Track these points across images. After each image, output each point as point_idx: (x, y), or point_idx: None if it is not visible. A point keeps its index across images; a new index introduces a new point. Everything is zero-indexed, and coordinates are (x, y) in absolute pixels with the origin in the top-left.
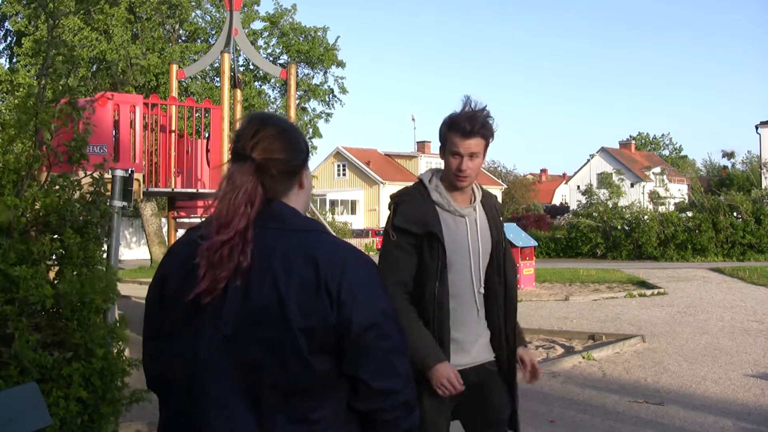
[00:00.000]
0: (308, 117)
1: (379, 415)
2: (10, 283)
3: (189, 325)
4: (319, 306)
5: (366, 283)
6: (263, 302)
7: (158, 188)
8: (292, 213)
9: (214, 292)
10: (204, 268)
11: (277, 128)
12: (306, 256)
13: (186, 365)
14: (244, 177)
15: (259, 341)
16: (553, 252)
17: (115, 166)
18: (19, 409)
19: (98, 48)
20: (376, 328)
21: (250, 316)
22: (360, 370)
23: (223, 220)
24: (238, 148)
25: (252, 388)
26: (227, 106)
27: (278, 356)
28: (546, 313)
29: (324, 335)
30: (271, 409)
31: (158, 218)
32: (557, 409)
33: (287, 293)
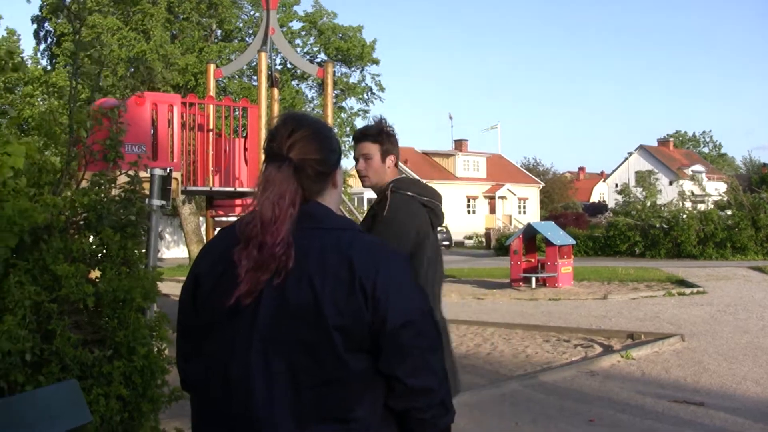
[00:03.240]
0: (345, 115)
1: (415, 414)
2: (53, 281)
3: (224, 325)
4: (354, 304)
5: (401, 281)
6: (299, 302)
7: (196, 187)
8: (325, 212)
9: (254, 293)
10: (245, 270)
11: (312, 129)
12: (341, 255)
13: (221, 365)
14: (285, 178)
15: (296, 341)
16: (591, 250)
17: (153, 165)
18: (59, 406)
19: (137, 48)
20: (412, 325)
21: (286, 316)
22: (396, 369)
23: (268, 223)
24: (274, 147)
25: (289, 388)
26: (264, 105)
27: (314, 355)
28: (584, 312)
29: (360, 334)
30: (309, 408)
31: (196, 217)
32: (596, 408)
33: (323, 292)
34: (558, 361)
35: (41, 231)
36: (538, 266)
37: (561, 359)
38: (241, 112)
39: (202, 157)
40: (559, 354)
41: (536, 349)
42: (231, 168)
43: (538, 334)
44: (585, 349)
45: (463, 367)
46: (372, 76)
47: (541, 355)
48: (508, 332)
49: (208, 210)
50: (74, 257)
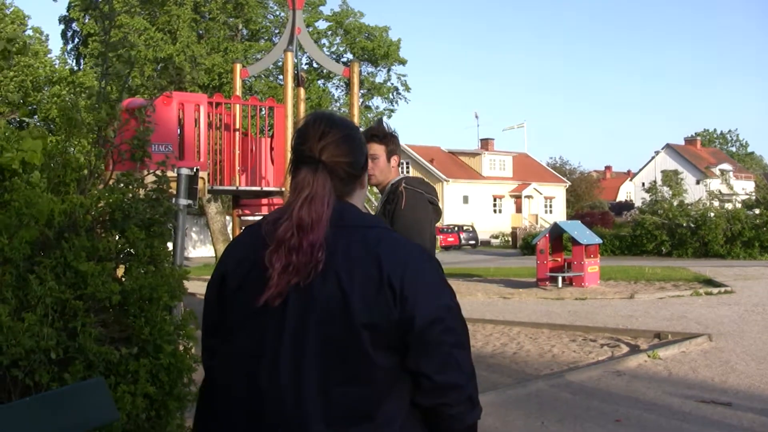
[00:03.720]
0: (372, 114)
1: (443, 410)
2: (79, 279)
3: (251, 322)
4: (381, 301)
5: (428, 278)
6: (327, 299)
7: (223, 186)
8: (352, 210)
9: (284, 294)
10: (278, 272)
11: (343, 131)
12: (368, 252)
13: (248, 364)
14: (320, 182)
15: (324, 339)
16: (618, 250)
17: (180, 165)
18: (86, 404)
19: (165, 49)
20: (440, 322)
21: (314, 314)
22: (424, 365)
23: (306, 228)
24: (306, 150)
25: (318, 386)
26: (291, 104)
27: (343, 353)
28: (611, 311)
29: (387, 331)
30: (337, 406)
31: (223, 216)
32: (622, 408)
33: (350, 289)
34: (584, 360)
35: (66, 229)
36: (564, 265)
37: (587, 359)
38: (267, 111)
39: (228, 157)
40: (585, 353)
41: (563, 349)
42: (257, 167)
43: (564, 334)
44: (611, 348)
45: (489, 366)
46: (398, 76)
47: (568, 354)
48: (534, 332)
49: (235, 209)
50: (101, 256)
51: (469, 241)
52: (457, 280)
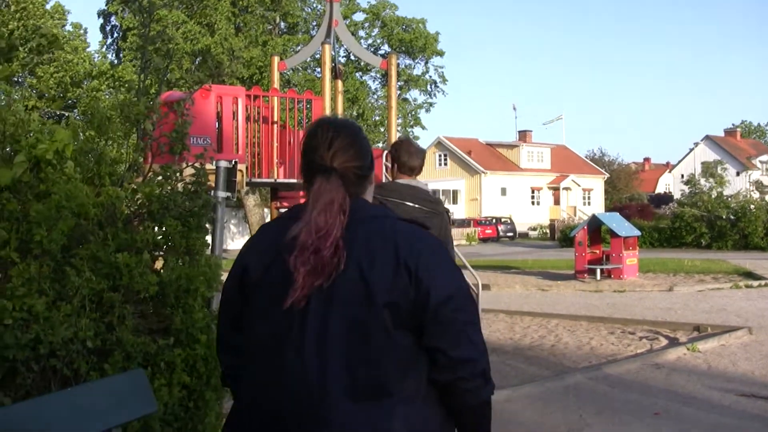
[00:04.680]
0: (409, 107)
1: (459, 385)
2: (114, 270)
3: (275, 313)
4: (399, 282)
5: (440, 261)
6: (349, 285)
7: (261, 179)
8: (366, 204)
9: (307, 295)
10: (303, 276)
11: (349, 135)
12: (385, 240)
13: (273, 347)
14: (334, 190)
15: (347, 320)
16: (657, 242)
17: (218, 157)
18: (126, 395)
19: (202, 42)
20: (453, 300)
21: (337, 300)
22: (439, 341)
23: (323, 233)
24: (317, 159)
25: (343, 367)
26: (329, 96)
27: (366, 334)
28: (650, 304)
29: (406, 310)
30: (361, 384)
31: (261, 208)
32: (661, 401)
33: (371, 273)
34: (623, 353)
35: (103, 221)
36: (602, 258)
37: (626, 351)
38: (305, 104)
39: (266, 149)
40: (624, 346)
41: (601, 341)
42: (295, 159)
43: (602, 326)
44: (650, 341)
45: (527, 358)
46: (435, 68)
47: (606, 347)
48: (572, 324)
49: (273, 201)
50: (138, 247)
51: (507, 233)
52: (495, 272)
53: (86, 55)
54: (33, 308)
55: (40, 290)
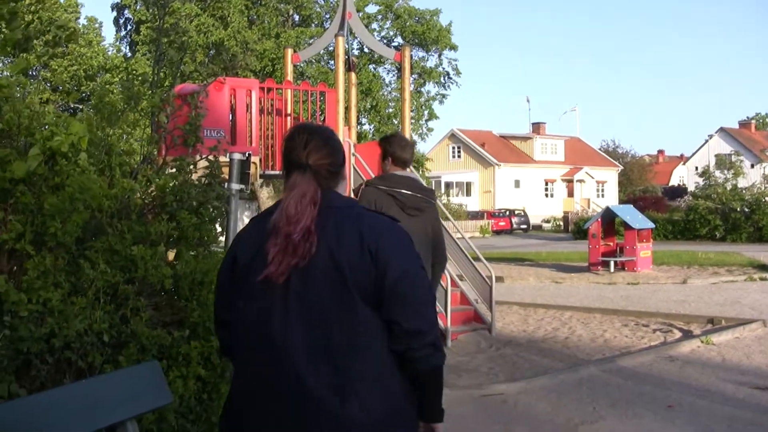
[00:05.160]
0: (423, 99)
1: (411, 354)
2: (129, 263)
3: (261, 294)
4: (363, 262)
5: (398, 244)
6: (321, 263)
7: (275, 171)
8: (337, 196)
9: (285, 273)
10: (274, 254)
11: (322, 138)
12: (352, 226)
13: (262, 329)
14: (306, 184)
15: (321, 295)
16: (671, 234)
17: (232, 150)
18: (141, 387)
19: (215, 35)
20: (407, 277)
21: (311, 276)
22: (395, 314)
23: (293, 219)
24: (294, 157)
25: (323, 339)
26: (342, 89)
27: (340, 309)
28: (663, 296)
29: (369, 286)
30: (340, 354)
31: (274, 201)
32: (675, 393)
33: (339, 254)
34: (637, 345)
35: (117, 213)
36: (616, 250)
37: (640, 344)
38: (318, 96)
39: (280, 142)
40: (637, 339)
41: (614, 334)
42: None
43: (616, 319)
44: (664, 334)
45: (540, 350)
46: (449, 60)
47: (620, 339)
48: (586, 316)
49: None
50: (152, 240)
51: (520, 226)
52: (509, 264)
53: (100, 48)
54: (48, 301)
55: (56, 283)
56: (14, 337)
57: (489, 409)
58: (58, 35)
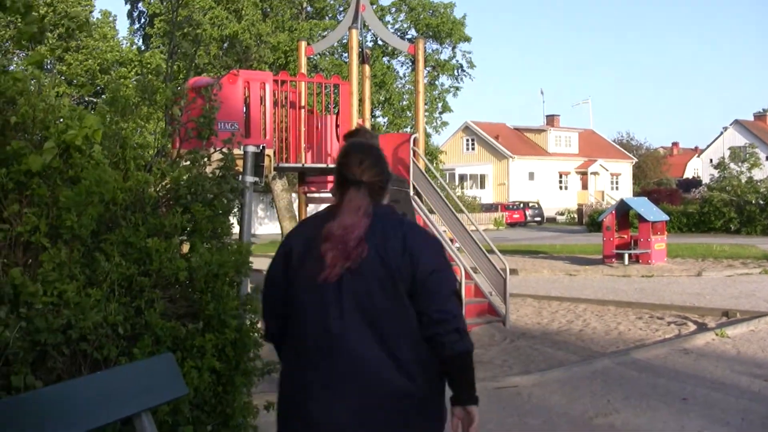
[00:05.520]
0: (437, 92)
1: (438, 339)
2: (144, 255)
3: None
4: (405, 262)
5: (431, 247)
6: (370, 264)
7: (289, 164)
8: (384, 207)
9: (339, 274)
10: (331, 259)
11: (374, 157)
12: (396, 233)
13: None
14: (361, 198)
15: (370, 290)
16: (685, 227)
17: (246, 142)
18: (156, 379)
19: (229, 28)
20: (435, 274)
21: (362, 275)
22: (423, 306)
23: (350, 230)
24: (350, 174)
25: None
26: (356, 81)
27: (387, 300)
28: (678, 289)
29: (409, 282)
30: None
31: (289, 193)
32: (689, 386)
33: (385, 256)
34: (651, 338)
35: (131, 206)
36: (630, 242)
37: (654, 336)
38: (332, 88)
39: (294, 134)
40: (652, 331)
41: (629, 326)
42: (323, 144)
43: (630, 311)
44: (678, 326)
45: (555, 343)
46: (463, 53)
47: (634, 332)
48: (600, 309)
49: (300, 186)
50: (167, 232)
51: (534, 218)
52: (523, 257)
53: (115, 42)
54: (64, 293)
55: (71, 275)
56: (30, 329)
57: (503, 402)
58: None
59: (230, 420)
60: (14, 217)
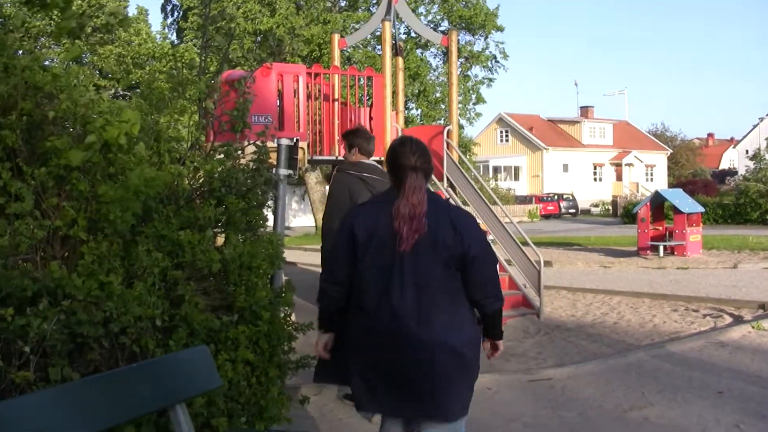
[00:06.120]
0: (470, 83)
1: (482, 300)
2: (178, 248)
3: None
4: (455, 241)
5: (474, 227)
6: (427, 239)
7: (322, 156)
8: (432, 192)
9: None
10: (407, 233)
11: (422, 147)
12: (446, 216)
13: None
14: (419, 180)
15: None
16: (721, 218)
17: (280, 135)
18: (191, 371)
19: (263, 23)
20: (480, 252)
21: (421, 248)
22: (472, 276)
23: (417, 207)
24: (406, 161)
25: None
26: (389, 73)
27: (441, 271)
28: (714, 281)
29: (458, 257)
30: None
31: (322, 186)
32: (725, 380)
33: (438, 233)
34: (686, 331)
35: (165, 199)
36: (665, 234)
37: (689, 329)
38: (366, 81)
39: (327, 127)
40: (687, 324)
41: (664, 319)
42: None
43: (665, 304)
44: (714, 319)
45: (589, 335)
46: (496, 44)
47: (669, 324)
48: (635, 301)
49: None
50: (201, 225)
51: (569, 210)
52: (557, 249)
53: (150, 37)
54: (106, 286)
55: (111, 268)
56: (71, 322)
57: (537, 394)
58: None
59: (264, 412)
60: (53, 211)
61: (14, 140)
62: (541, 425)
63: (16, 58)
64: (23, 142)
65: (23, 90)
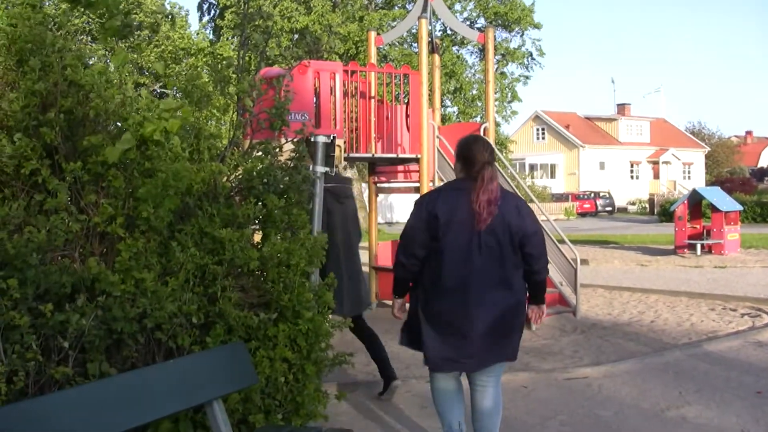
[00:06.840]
0: (507, 81)
1: (533, 271)
2: (218, 245)
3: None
4: (519, 223)
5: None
6: (498, 220)
7: (359, 154)
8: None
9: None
10: (486, 214)
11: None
12: (512, 203)
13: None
14: (495, 172)
15: (498, 238)
16: (759, 217)
17: (317, 133)
18: (227, 367)
19: (300, 21)
20: (535, 233)
21: (494, 228)
22: (528, 250)
23: (494, 193)
24: (481, 156)
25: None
26: (426, 71)
27: (508, 249)
28: (752, 280)
29: (518, 237)
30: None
31: (359, 183)
32: (763, 380)
33: (506, 216)
34: (724, 330)
35: (205, 196)
36: (703, 233)
37: (727, 329)
38: (402, 78)
39: (364, 124)
40: (725, 323)
41: (701, 318)
42: (393, 134)
43: (703, 303)
44: (752, 318)
45: (626, 334)
46: (532, 41)
47: (707, 323)
48: (672, 300)
49: (371, 176)
50: (240, 222)
51: (605, 208)
52: (594, 247)
53: (186, 34)
54: (141, 282)
55: (148, 264)
56: (107, 318)
57: (573, 393)
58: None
59: (301, 408)
60: (91, 208)
61: (53, 138)
62: (578, 423)
63: (56, 56)
64: (64, 140)
65: (64, 88)
